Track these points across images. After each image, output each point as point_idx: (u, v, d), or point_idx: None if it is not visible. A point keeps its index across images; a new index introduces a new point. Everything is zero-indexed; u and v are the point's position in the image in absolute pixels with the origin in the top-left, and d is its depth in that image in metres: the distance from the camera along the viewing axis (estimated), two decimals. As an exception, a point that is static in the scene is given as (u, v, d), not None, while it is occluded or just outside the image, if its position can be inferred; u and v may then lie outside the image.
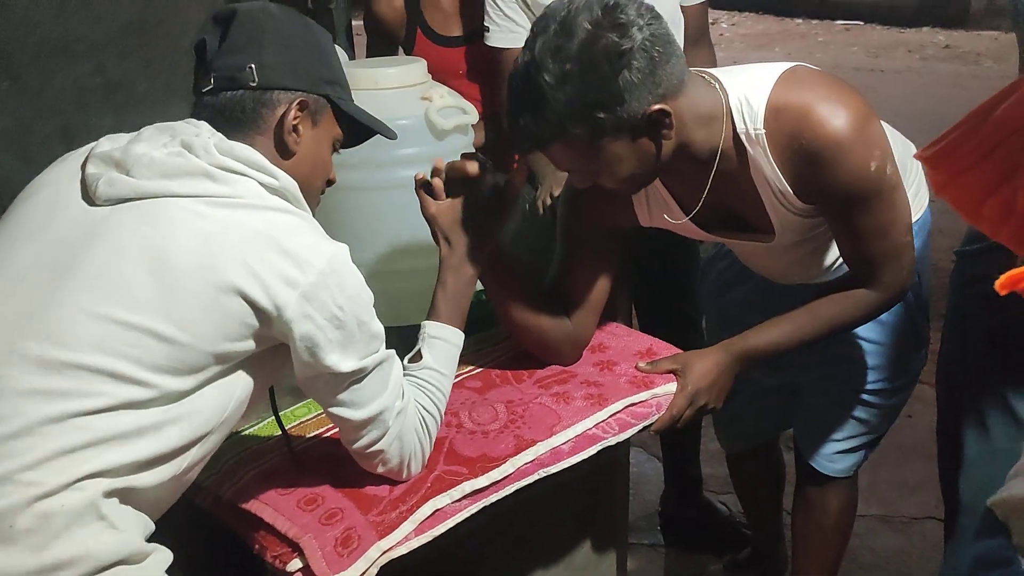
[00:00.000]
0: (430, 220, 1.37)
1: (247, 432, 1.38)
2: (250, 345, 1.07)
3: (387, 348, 1.18)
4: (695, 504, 2.36)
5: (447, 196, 1.37)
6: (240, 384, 1.10)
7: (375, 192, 1.65)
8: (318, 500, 1.24)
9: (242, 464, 1.30)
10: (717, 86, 1.37)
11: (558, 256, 1.57)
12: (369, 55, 2.27)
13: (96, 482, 1.00)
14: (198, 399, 1.06)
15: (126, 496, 1.03)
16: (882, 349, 1.66)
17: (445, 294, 1.35)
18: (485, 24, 1.99)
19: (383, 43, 2.27)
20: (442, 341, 1.32)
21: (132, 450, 1.02)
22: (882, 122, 1.47)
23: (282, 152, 1.17)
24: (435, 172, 1.38)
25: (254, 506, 1.24)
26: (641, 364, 1.51)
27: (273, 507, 1.23)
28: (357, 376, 1.13)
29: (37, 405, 0.99)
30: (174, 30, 2.21)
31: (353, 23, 2.31)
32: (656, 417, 1.46)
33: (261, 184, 1.11)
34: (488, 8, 1.98)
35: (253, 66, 1.14)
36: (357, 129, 1.28)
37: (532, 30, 1.26)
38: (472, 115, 1.71)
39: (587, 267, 1.54)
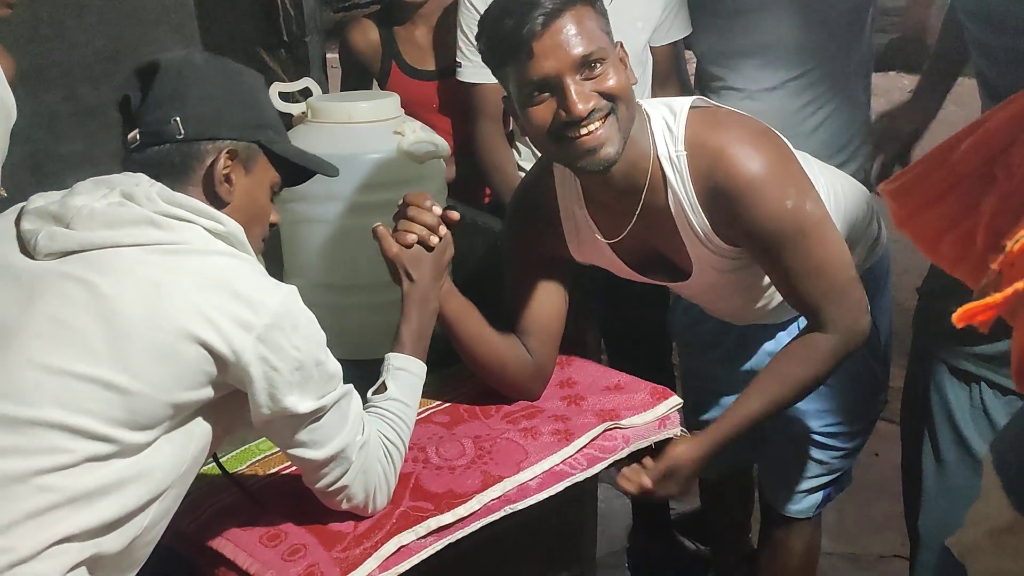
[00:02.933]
0: (393, 260, 1.37)
1: (209, 466, 1.36)
2: (207, 393, 1.06)
3: (345, 383, 1.17)
4: (663, 541, 2.36)
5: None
6: (197, 434, 1.08)
7: (346, 224, 1.65)
8: (281, 536, 1.22)
9: (204, 498, 1.28)
10: (642, 108, 1.38)
11: (506, 287, 1.57)
12: (344, 88, 2.29)
13: (65, 548, 0.97)
14: (156, 452, 1.04)
15: (94, 565, 1.01)
16: (840, 393, 1.66)
17: (410, 328, 1.35)
18: (457, 60, 2.01)
19: (358, 76, 2.28)
20: (407, 373, 1.31)
21: (97, 510, 0.99)
22: (838, 169, 1.48)
23: (215, 203, 1.14)
24: (400, 216, 1.39)
25: (215, 541, 1.22)
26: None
27: (234, 543, 1.21)
28: (316, 416, 1.12)
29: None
30: (148, 58, 2.21)
31: (328, 56, 2.32)
32: (624, 451, 1.46)
33: (206, 229, 1.09)
34: (460, 44, 2.00)
35: (178, 119, 1.12)
36: (297, 168, 1.26)
37: None
38: (444, 149, 1.72)
39: (536, 295, 1.53)
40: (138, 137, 1.13)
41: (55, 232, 1.05)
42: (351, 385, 1.18)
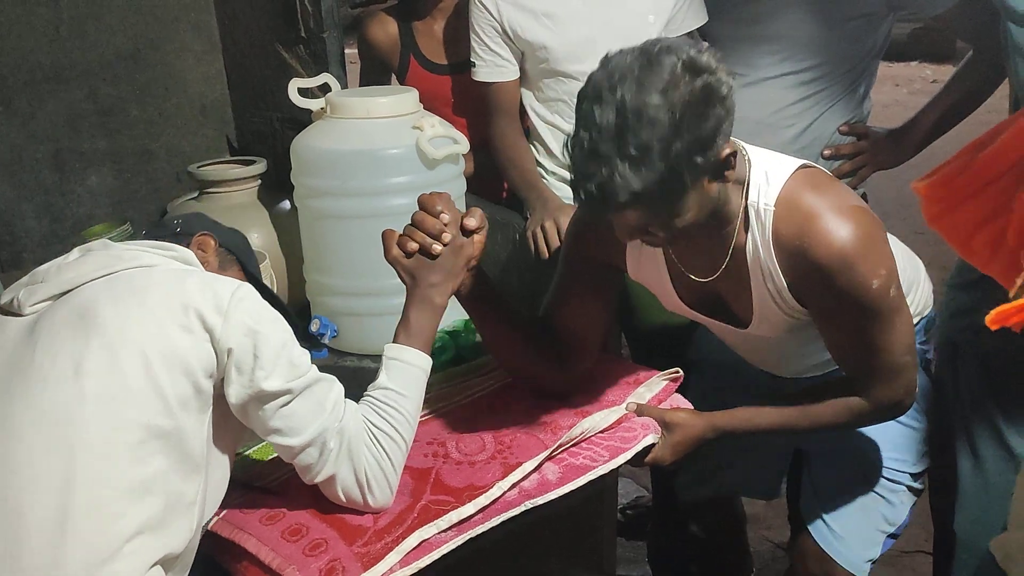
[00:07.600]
0: (391, 263, 1.36)
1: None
2: (212, 383, 1.14)
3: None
4: (683, 536, 2.34)
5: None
6: (225, 425, 1.17)
7: (366, 220, 1.66)
8: (302, 530, 1.23)
9: (226, 493, 1.29)
10: (746, 155, 1.34)
11: (555, 286, 1.55)
12: (362, 82, 2.29)
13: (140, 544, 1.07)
14: (189, 435, 1.12)
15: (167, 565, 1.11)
16: (908, 431, 1.59)
17: (406, 326, 1.34)
18: (471, 59, 2.00)
19: (376, 70, 2.28)
20: (400, 362, 1.31)
21: (151, 503, 1.09)
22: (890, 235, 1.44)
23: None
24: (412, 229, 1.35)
25: (237, 535, 1.23)
26: (630, 404, 1.50)
27: (257, 537, 1.22)
28: (285, 399, 1.16)
29: None
30: (168, 56, 2.22)
31: (346, 51, 2.32)
32: (646, 440, 1.45)
33: (159, 253, 1.24)
34: (473, 43, 1.99)
35: (179, 220, 1.37)
36: None
37: (598, 86, 1.17)
38: (463, 145, 1.72)
39: (580, 298, 1.52)
40: (142, 236, 1.32)
41: (31, 288, 1.18)
42: (332, 376, 1.22)
